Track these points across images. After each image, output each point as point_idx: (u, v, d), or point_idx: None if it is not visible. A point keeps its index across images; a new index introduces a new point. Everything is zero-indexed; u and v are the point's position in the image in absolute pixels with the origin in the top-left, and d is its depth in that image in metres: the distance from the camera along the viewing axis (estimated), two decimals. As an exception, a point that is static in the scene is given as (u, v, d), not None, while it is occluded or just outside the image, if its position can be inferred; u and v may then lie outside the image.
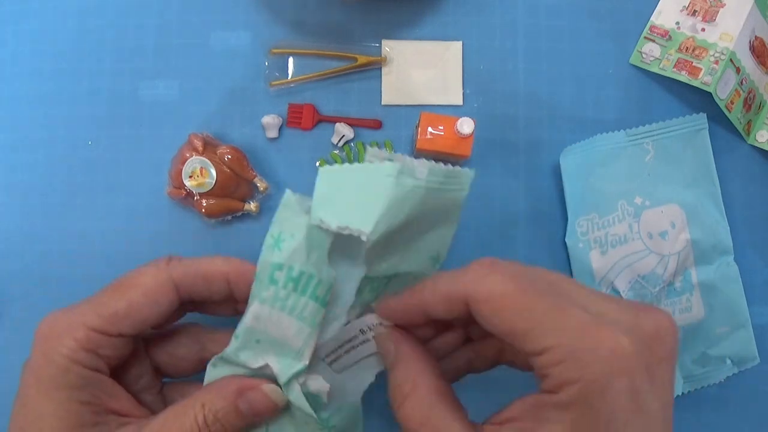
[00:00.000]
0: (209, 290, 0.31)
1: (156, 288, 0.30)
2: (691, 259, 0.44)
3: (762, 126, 0.46)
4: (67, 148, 0.46)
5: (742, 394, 0.45)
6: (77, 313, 0.30)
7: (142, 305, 0.30)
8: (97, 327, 0.29)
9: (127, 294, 0.30)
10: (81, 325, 0.29)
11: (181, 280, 0.31)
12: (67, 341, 0.29)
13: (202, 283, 0.31)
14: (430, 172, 0.28)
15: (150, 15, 0.46)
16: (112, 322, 0.29)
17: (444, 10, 0.47)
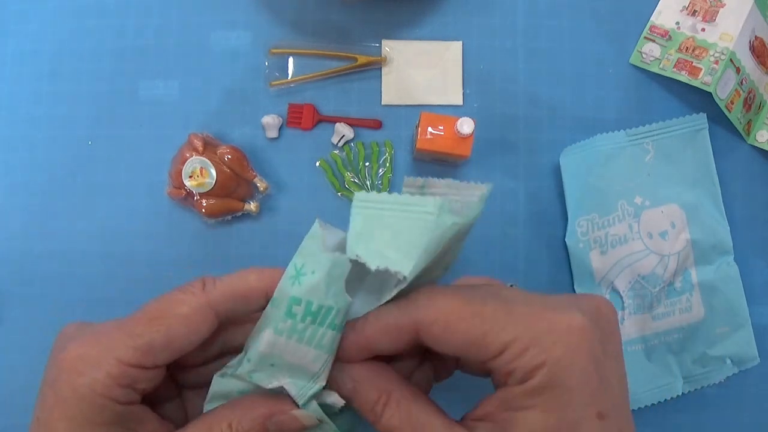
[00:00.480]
0: (248, 308, 0.30)
1: (195, 316, 0.29)
2: (691, 259, 0.44)
3: (762, 126, 0.46)
4: (67, 148, 0.46)
5: (742, 394, 0.45)
6: (110, 345, 0.27)
7: (181, 336, 0.28)
8: (133, 362, 0.27)
9: (164, 324, 0.28)
10: (115, 360, 0.27)
11: (219, 304, 0.29)
12: (101, 378, 0.27)
13: (241, 304, 0.30)
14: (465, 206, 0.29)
15: (150, 15, 0.46)
16: (148, 355, 0.28)
17: (444, 10, 0.47)
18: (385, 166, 0.45)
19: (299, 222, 0.45)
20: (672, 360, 0.44)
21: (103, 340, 0.27)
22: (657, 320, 0.44)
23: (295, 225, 0.45)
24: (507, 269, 0.45)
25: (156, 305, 0.29)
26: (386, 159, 0.45)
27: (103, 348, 0.27)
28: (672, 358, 0.44)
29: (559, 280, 0.45)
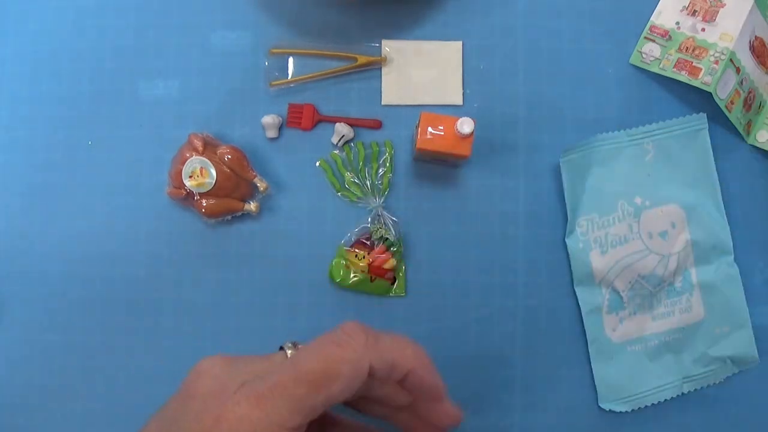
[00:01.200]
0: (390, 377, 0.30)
1: (354, 375, 0.28)
2: (691, 259, 0.44)
3: (762, 126, 0.46)
4: (67, 148, 0.46)
5: (742, 394, 0.45)
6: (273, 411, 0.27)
7: (340, 395, 0.28)
8: (294, 426, 0.27)
9: (325, 389, 0.27)
10: (278, 427, 0.26)
11: (377, 363, 0.29)
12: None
13: (389, 373, 0.29)
14: None
15: (150, 15, 0.46)
16: (308, 416, 0.27)
17: (444, 10, 0.47)
18: (385, 166, 0.45)
19: (299, 222, 0.45)
20: (672, 360, 0.44)
21: (266, 405, 0.27)
22: (657, 320, 0.44)
23: (295, 225, 0.45)
24: (507, 269, 0.45)
25: (315, 364, 0.27)
26: (386, 159, 0.45)
27: (266, 413, 0.26)
28: (672, 358, 0.44)
29: (559, 280, 0.45)
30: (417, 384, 0.29)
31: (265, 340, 0.44)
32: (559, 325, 0.45)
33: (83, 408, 0.44)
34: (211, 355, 0.29)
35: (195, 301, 0.45)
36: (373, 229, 0.44)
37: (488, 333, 0.45)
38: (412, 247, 0.45)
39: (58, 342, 0.44)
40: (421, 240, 0.45)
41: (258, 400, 0.27)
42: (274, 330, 0.45)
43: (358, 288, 0.44)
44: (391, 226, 0.44)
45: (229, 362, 0.29)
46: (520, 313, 0.45)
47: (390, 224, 0.44)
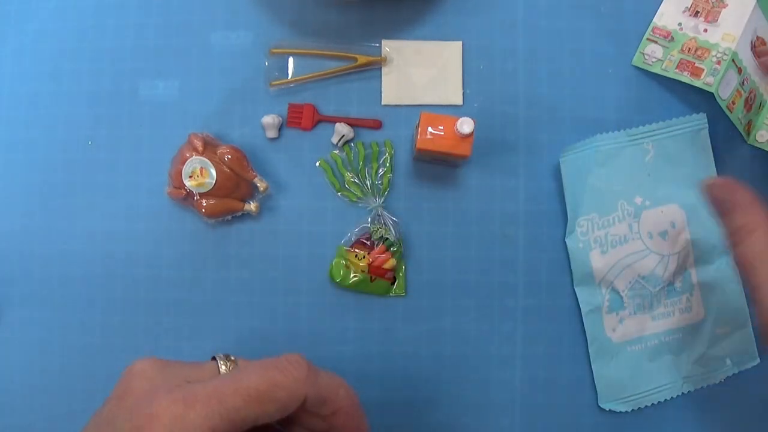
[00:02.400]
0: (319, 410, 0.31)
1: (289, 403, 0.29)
2: (691, 259, 0.44)
3: (762, 126, 0.46)
4: (67, 148, 0.46)
5: (742, 394, 0.45)
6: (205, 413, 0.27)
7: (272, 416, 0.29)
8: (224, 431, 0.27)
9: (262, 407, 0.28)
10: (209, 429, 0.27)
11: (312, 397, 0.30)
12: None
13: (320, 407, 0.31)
14: None
15: (150, 15, 0.46)
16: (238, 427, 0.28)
17: (444, 10, 0.46)
18: (385, 166, 0.45)
19: (299, 222, 0.45)
20: (672, 360, 0.44)
21: (198, 407, 0.27)
22: (657, 320, 0.44)
23: (295, 225, 0.45)
24: (507, 269, 0.45)
25: (257, 382, 0.28)
26: (386, 159, 0.45)
27: (198, 415, 0.27)
28: (672, 358, 0.44)
29: (559, 280, 0.45)
30: (342, 422, 0.31)
31: (266, 340, 0.44)
32: (559, 325, 0.45)
33: (83, 408, 0.44)
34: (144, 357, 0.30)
35: (195, 301, 0.45)
36: (373, 229, 0.44)
37: (488, 333, 0.45)
38: (412, 247, 0.45)
39: (58, 342, 0.44)
40: (421, 240, 0.45)
41: (195, 402, 0.27)
42: (274, 330, 0.45)
43: (358, 288, 0.44)
44: (391, 226, 0.44)
45: (162, 365, 0.30)
46: (520, 313, 0.45)
47: (390, 224, 0.44)
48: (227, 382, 0.28)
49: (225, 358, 0.32)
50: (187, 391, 0.28)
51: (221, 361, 0.32)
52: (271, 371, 0.29)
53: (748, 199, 0.34)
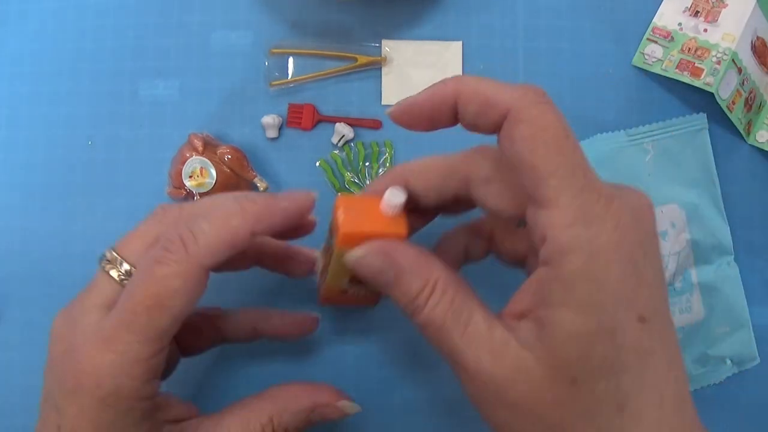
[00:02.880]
0: (236, 251, 0.29)
1: (192, 285, 0.27)
2: (691, 259, 0.44)
3: (762, 126, 0.46)
4: (67, 148, 0.46)
5: (742, 394, 0.45)
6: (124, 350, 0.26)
7: (183, 308, 0.27)
8: (149, 355, 0.26)
9: (165, 309, 0.27)
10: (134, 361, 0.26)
11: (210, 262, 0.28)
12: (126, 382, 0.26)
13: (229, 252, 0.28)
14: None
15: (150, 15, 0.46)
16: (160, 341, 0.27)
17: (444, 10, 0.46)
18: (385, 166, 0.45)
19: (299, 222, 0.45)
20: (672, 360, 0.44)
21: (115, 346, 0.26)
22: (657, 320, 0.44)
23: (295, 225, 0.45)
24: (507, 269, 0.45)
25: (146, 289, 0.27)
26: (386, 159, 0.45)
27: (119, 353, 0.26)
28: (672, 358, 0.44)
29: (559, 281, 0.45)
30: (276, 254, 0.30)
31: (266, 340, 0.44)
32: (559, 325, 0.45)
33: (84, 408, 0.44)
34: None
35: (195, 301, 0.45)
36: (373, 230, 0.44)
37: (488, 333, 0.45)
38: (412, 248, 0.45)
39: (58, 342, 0.44)
40: (421, 240, 0.45)
41: (106, 343, 0.26)
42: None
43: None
44: (391, 226, 0.44)
45: (66, 315, 0.29)
46: (520, 314, 0.45)
47: (390, 224, 0.44)
48: (124, 302, 0.27)
49: (113, 262, 0.30)
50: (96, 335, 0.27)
51: (112, 270, 0.30)
52: (152, 268, 0.27)
53: (412, 259, 0.28)
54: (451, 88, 0.27)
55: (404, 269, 0.27)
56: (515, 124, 0.25)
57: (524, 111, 0.25)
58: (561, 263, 0.24)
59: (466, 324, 0.26)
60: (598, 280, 0.23)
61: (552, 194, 0.24)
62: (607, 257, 0.23)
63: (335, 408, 0.29)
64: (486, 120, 0.26)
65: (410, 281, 0.27)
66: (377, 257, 0.28)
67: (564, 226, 0.24)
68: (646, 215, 0.26)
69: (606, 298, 0.24)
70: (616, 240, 0.24)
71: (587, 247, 0.23)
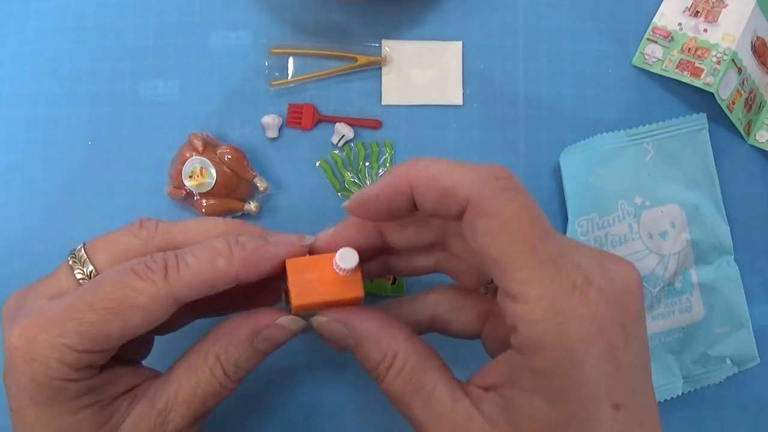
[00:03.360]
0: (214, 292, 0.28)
1: (155, 309, 0.26)
2: (691, 259, 0.44)
3: (762, 126, 0.46)
4: (67, 148, 0.46)
5: (742, 394, 0.45)
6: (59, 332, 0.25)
7: (137, 326, 0.26)
8: (85, 349, 0.26)
9: (120, 316, 0.26)
10: (67, 348, 0.25)
11: (183, 295, 0.27)
12: (54, 365, 0.25)
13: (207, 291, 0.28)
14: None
15: (150, 15, 0.46)
16: (101, 342, 0.26)
17: (444, 10, 0.47)
18: (385, 166, 0.45)
19: (299, 222, 0.45)
20: (672, 360, 0.44)
21: (51, 326, 0.26)
22: (657, 320, 0.44)
23: (295, 225, 0.45)
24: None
25: (111, 290, 0.26)
26: (386, 159, 0.45)
27: (52, 334, 0.25)
28: (672, 358, 0.44)
29: (559, 281, 0.45)
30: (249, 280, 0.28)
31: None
32: (559, 325, 0.45)
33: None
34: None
35: (195, 301, 0.45)
36: (373, 230, 0.44)
37: (488, 333, 0.45)
38: (412, 248, 0.45)
39: (58, 342, 0.44)
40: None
41: (45, 321, 0.26)
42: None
43: (358, 288, 0.44)
44: (391, 226, 0.44)
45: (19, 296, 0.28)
46: (520, 314, 0.45)
47: (390, 224, 0.44)
48: (82, 293, 0.26)
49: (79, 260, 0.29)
50: (37, 314, 0.26)
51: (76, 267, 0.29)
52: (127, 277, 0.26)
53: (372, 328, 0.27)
54: (404, 179, 0.26)
55: (363, 338, 0.27)
56: (477, 217, 0.24)
57: (486, 203, 0.24)
58: (531, 356, 0.23)
59: (428, 397, 0.26)
60: (569, 376, 0.23)
61: (520, 289, 0.23)
62: (582, 351, 0.23)
63: (278, 327, 0.28)
64: (447, 210, 0.25)
65: (370, 350, 0.27)
66: (338, 325, 0.28)
67: (534, 322, 0.23)
68: (633, 293, 0.25)
69: (577, 391, 0.23)
70: (592, 335, 0.23)
71: (559, 344, 0.22)
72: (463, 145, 0.46)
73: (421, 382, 0.26)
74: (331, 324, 0.28)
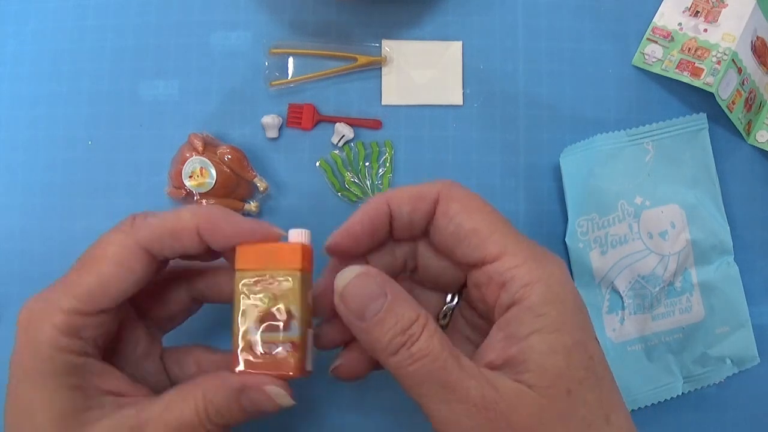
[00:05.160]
0: (182, 246, 0.29)
1: (125, 255, 0.28)
2: (691, 259, 0.44)
3: (762, 126, 0.46)
4: (67, 148, 0.46)
5: (742, 394, 0.45)
6: (52, 298, 0.28)
7: (114, 277, 0.28)
8: (73, 309, 0.28)
9: (96, 268, 0.28)
10: (57, 310, 0.28)
11: (150, 242, 0.29)
12: (46, 329, 0.27)
13: (171, 241, 0.29)
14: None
15: (150, 15, 0.46)
16: (87, 300, 0.28)
17: (444, 10, 0.47)
18: (385, 166, 0.45)
19: (299, 222, 0.45)
20: (672, 360, 0.44)
21: (47, 295, 0.28)
22: (657, 320, 0.44)
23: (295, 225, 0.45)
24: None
25: (89, 250, 0.29)
26: (386, 159, 0.45)
27: (47, 302, 0.28)
28: (672, 358, 0.44)
29: (559, 281, 0.45)
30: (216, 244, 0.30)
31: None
32: (559, 325, 0.45)
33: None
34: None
35: (195, 301, 0.45)
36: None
37: (488, 333, 0.45)
38: (412, 248, 0.45)
39: (58, 342, 0.44)
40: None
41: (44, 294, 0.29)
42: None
43: (358, 288, 0.44)
44: (391, 226, 0.44)
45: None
46: (520, 314, 0.45)
47: (390, 224, 0.44)
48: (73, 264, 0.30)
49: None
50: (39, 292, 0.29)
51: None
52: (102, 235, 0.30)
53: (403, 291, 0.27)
54: (383, 199, 0.30)
55: (399, 295, 0.27)
56: (449, 202, 0.29)
57: (453, 192, 0.29)
58: (527, 294, 0.27)
59: (458, 358, 0.26)
60: (562, 302, 0.27)
61: (499, 247, 0.28)
62: (562, 285, 0.27)
63: (264, 393, 0.28)
64: (419, 214, 0.30)
65: (404, 311, 0.26)
66: (371, 279, 0.27)
67: (520, 266, 0.27)
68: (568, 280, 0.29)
69: (571, 318, 0.27)
70: (564, 275, 0.28)
71: (545, 278, 0.27)
72: (463, 145, 0.46)
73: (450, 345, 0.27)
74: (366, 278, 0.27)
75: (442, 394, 0.26)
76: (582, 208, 0.44)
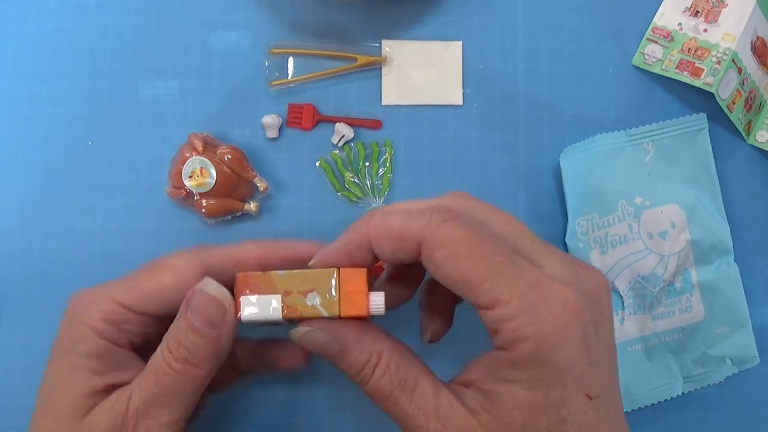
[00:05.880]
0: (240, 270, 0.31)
1: (187, 270, 0.30)
2: (691, 259, 0.44)
3: (762, 126, 0.46)
4: (67, 148, 0.46)
5: (742, 394, 0.45)
6: (107, 288, 0.30)
7: (171, 287, 0.30)
8: (123, 302, 0.30)
9: (157, 276, 0.30)
10: (108, 297, 0.30)
11: (212, 264, 0.31)
12: (91, 310, 0.29)
13: (233, 268, 0.30)
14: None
15: (150, 15, 0.46)
16: (139, 300, 0.30)
17: (444, 10, 0.47)
18: (385, 166, 0.45)
19: (299, 222, 0.45)
20: (672, 360, 0.44)
21: (103, 287, 0.31)
22: (657, 320, 0.44)
23: (295, 225, 0.45)
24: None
25: (154, 261, 0.31)
26: (386, 159, 0.45)
27: (101, 291, 0.30)
28: (672, 358, 0.44)
29: (559, 281, 0.45)
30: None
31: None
32: (559, 325, 0.45)
33: (84, 408, 0.44)
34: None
35: (195, 301, 0.45)
36: (373, 230, 0.44)
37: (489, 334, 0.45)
38: (412, 248, 0.45)
39: (58, 342, 0.44)
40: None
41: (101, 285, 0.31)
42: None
43: (358, 288, 0.44)
44: (391, 226, 0.44)
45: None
46: (520, 314, 0.45)
47: (390, 224, 0.44)
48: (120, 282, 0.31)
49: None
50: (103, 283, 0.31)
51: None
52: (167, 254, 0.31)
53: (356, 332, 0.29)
54: (362, 231, 0.29)
55: (349, 342, 0.28)
56: (432, 250, 0.27)
57: (435, 236, 0.26)
58: (512, 349, 0.26)
59: (413, 391, 0.28)
60: (546, 362, 0.25)
61: (490, 297, 0.26)
62: (555, 340, 0.25)
63: (198, 292, 0.29)
64: (404, 254, 0.28)
65: (355, 354, 0.28)
66: (321, 333, 0.29)
67: (510, 320, 0.25)
68: (602, 296, 0.28)
69: (553, 377, 0.25)
70: (566, 320, 0.25)
71: (534, 335, 0.25)
72: (463, 145, 0.46)
73: (406, 377, 0.28)
74: (314, 333, 0.29)
75: (399, 425, 0.28)
76: (582, 208, 0.44)
